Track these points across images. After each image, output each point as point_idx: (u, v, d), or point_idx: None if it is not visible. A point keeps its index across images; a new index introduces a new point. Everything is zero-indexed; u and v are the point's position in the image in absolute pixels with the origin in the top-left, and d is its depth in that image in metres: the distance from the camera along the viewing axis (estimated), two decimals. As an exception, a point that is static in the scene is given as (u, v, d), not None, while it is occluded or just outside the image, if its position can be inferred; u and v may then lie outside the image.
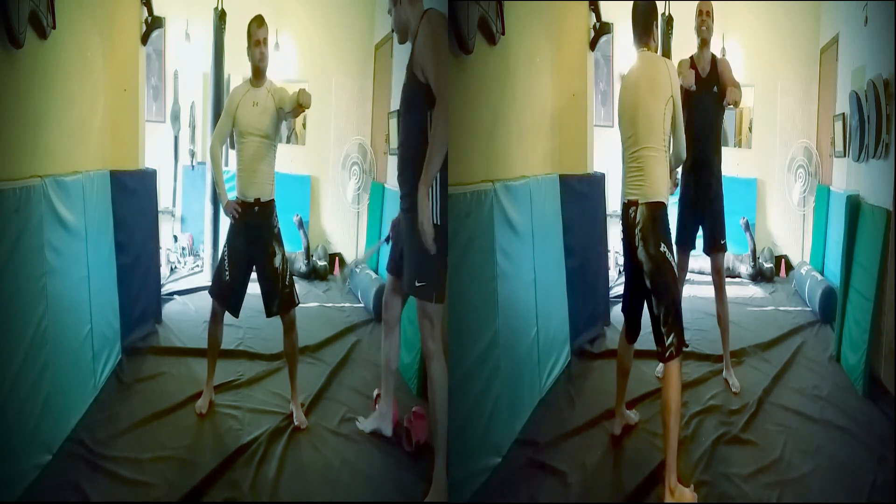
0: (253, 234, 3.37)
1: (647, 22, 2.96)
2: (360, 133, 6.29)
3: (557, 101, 4.18)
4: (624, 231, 2.92)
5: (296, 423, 3.30)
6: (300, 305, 3.45)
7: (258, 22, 3.32)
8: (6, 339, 2.59)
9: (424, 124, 2.69)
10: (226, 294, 3.40)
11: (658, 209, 2.84)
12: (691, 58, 3.77)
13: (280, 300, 3.38)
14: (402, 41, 2.83)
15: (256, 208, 3.35)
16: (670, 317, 2.79)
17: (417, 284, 2.74)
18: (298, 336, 3.44)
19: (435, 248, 2.64)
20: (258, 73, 3.37)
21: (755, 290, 5.82)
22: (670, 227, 2.92)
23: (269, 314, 3.42)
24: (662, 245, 2.81)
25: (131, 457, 2.95)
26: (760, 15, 6.37)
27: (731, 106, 3.70)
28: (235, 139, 3.41)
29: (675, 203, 3.72)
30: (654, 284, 2.81)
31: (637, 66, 2.95)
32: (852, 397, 3.62)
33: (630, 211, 2.87)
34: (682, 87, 3.66)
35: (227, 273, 3.36)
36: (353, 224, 6.49)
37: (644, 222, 2.83)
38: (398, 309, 3.22)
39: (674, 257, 2.87)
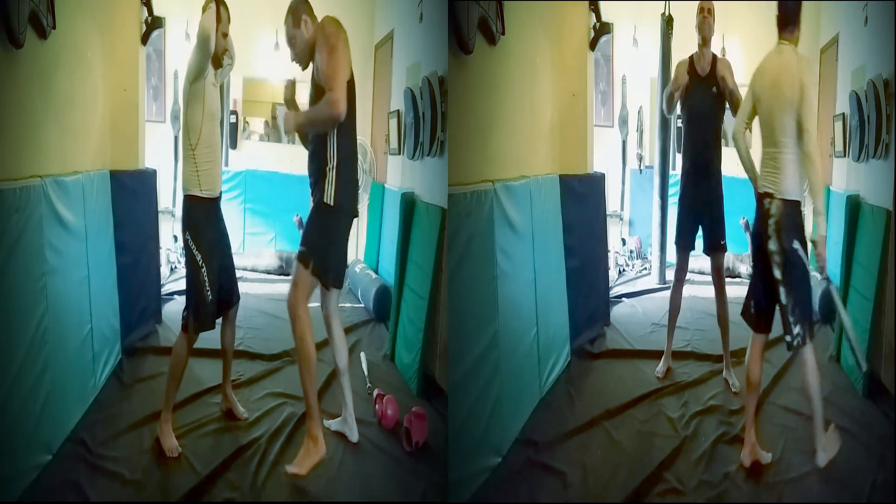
0: (219, 233, 3.22)
1: (795, 14, 2.86)
2: (361, 133, 6.19)
3: (557, 101, 4.17)
4: (757, 220, 2.97)
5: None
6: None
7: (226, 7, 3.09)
8: (6, 339, 2.59)
9: (327, 133, 2.83)
10: (212, 317, 3.16)
11: (794, 206, 2.90)
12: (691, 57, 3.77)
13: (236, 288, 3.33)
14: (305, 65, 2.93)
15: (219, 203, 3.21)
16: (798, 308, 2.88)
17: (300, 248, 2.90)
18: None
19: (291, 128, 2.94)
20: (218, 64, 3.18)
21: (755, 290, 5.79)
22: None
23: (228, 308, 3.29)
24: (796, 241, 2.88)
25: (131, 457, 2.95)
26: (760, 15, 6.35)
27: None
28: (202, 124, 3.04)
29: (674, 203, 3.72)
30: (786, 277, 2.89)
31: (777, 60, 2.88)
32: (852, 397, 3.62)
33: (765, 202, 2.92)
34: (682, 85, 3.69)
35: (209, 293, 3.09)
36: (353, 223, 6.47)
37: (779, 217, 2.88)
38: (327, 302, 3.14)
39: (807, 254, 2.92)
